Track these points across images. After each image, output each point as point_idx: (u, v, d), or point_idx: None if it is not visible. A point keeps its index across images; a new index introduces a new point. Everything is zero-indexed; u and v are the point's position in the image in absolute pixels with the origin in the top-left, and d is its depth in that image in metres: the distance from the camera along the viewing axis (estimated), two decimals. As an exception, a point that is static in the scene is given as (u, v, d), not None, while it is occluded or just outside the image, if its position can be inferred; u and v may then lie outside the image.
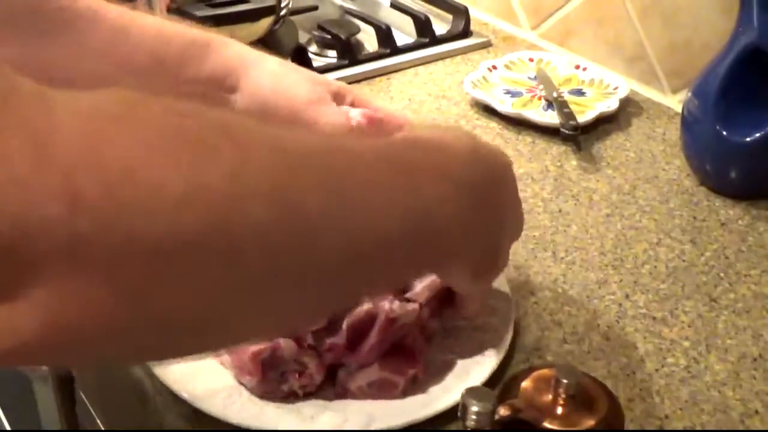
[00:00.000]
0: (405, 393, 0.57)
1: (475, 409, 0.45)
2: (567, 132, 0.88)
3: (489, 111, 0.95)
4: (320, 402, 0.57)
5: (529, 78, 1.01)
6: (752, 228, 0.78)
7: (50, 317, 0.30)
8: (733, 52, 0.78)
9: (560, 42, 1.10)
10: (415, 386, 0.58)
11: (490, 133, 0.92)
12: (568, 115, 0.90)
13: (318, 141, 0.41)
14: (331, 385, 0.58)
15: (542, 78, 0.99)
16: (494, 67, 1.02)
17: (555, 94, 0.95)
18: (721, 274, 0.72)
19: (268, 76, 0.64)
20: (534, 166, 0.86)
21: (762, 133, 0.77)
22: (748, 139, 0.78)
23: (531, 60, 1.04)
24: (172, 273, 0.32)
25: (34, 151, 0.29)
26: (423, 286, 0.60)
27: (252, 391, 0.57)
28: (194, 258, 0.32)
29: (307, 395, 0.57)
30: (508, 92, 0.97)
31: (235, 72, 0.64)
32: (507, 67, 1.02)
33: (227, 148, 0.34)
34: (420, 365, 0.58)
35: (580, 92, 0.98)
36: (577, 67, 1.02)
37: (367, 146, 0.43)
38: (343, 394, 0.57)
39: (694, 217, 0.80)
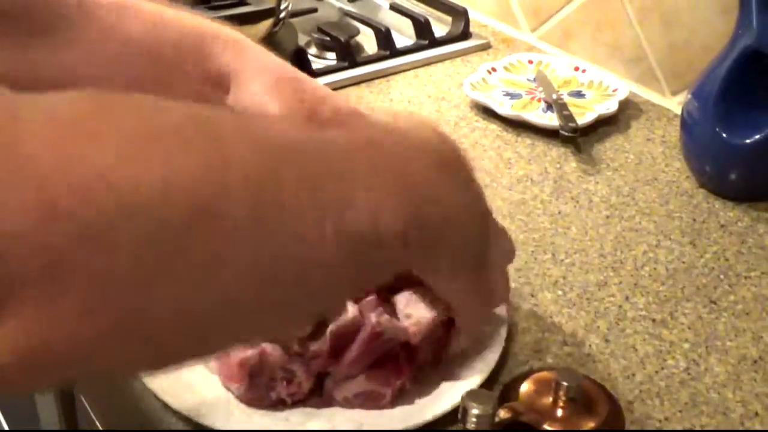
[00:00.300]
0: (393, 403, 0.56)
1: (475, 411, 0.45)
2: (566, 134, 0.88)
3: (488, 113, 0.95)
4: (309, 410, 0.56)
5: (529, 80, 1.01)
6: (752, 230, 0.78)
7: (28, 341, 0.29)
8: (732, 53, 0.78)
9: (559, 44, 1.10)
10: (405, 397, 0.57)
11: (490, 135, 0.92)
12: (567, 117, 0.90)
13: (300, 136, 0.40)
14: (320, 394, 0.57)
15: (541, 80, 0.99)
16: (493, 69, 1.02)
17: (554, 96, 0.95)
18: (721, 276, 0.72)
19: (255, 100, 0.61)
20: (533, 168, 0.86)
21: (762, 134, 0.77)
22: (747, 140, 0.78)
23: (530, 62, 1.04)
24: (157, 283, 0.31)
25: (1, 162, 0.28)
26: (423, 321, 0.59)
27: (239, 398, 0.56)
28: (180, 258, 0.31)
29: (296, 403, 0.56)
30: (507, 94, 0.97)
31: (229, 78, 0.63)
32: (506, 69, 1.02)
33: (203, 141, 0.33)
34: (407, 376, 0.57)
35: (579, 94, 0.98)
36: (577, 68, 1.02)
37: (350, 139, 0.42)
38: (330, 403, 0.57)
39: (694, 219, 0.80)
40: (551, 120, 0.91)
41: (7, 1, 0.59)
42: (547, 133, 0.91)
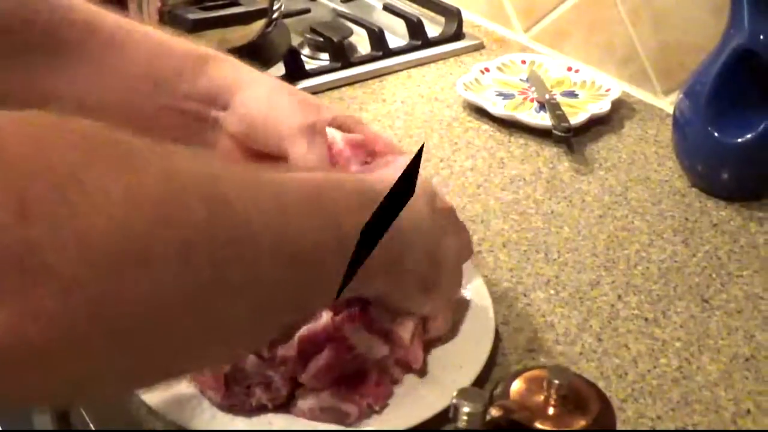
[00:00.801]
0: (359, 421, 0.55)
1: (466, 410, 0.45)
2: (559, 134, 0.88)
3: (481, 113, 0.95)
4: (292, 417, 0.56)
5: (522, 80, 1.01)
6: (744, 229, 0.78)
7: (7, 336, 0.29)
8: (724, 53, 0.79)
9: (552, 44, 1.10)
10: (395, 398, 0.57)
11: (483, 135, 0.92)
12: (560, 116, 0.90)
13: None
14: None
15: (534, 80, 1.00)
16: (486, 70, 1.02)
17: (547, 96, 0.95)
18: (713, 275, 0.72)
19: (260, 100, 0.63)
20: (526, 167, 0.86)
21: (753, 134, 0.77)
22: (739, 140, 0.78)
23: (523, 62, 1.04)
24: (128, 276, 0.32)
25: None
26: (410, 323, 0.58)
27: (218, 406, 0.56)
28: (147, 258, 0.33)
29: (279, 408, 0.56)
30: (500, 94, 0.98)
31: (229, 90, 0.63)
32: (499, 69, 1.02)
33: (154, 154, 0.36)
34: (375, 397, 0.56)
35: (572, 94, 0.98)
36: (570, 69, 1.02)
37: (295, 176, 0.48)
38: (299, 413, 0.56)
39: (686, 218, 0.80)
40: (544, 120, 0.91)
41: (6, 17, 0.59)
42: (540, 133, 0.91)
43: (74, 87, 0.61)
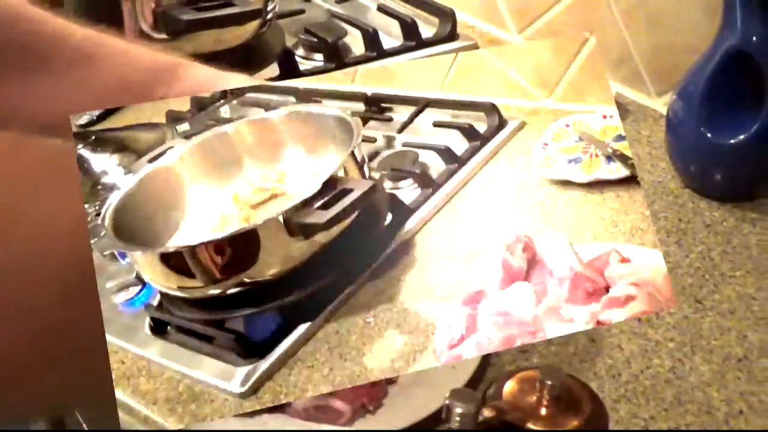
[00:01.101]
0: (352, 422, 0.56)
1: (459, 410, 0.45)
2: None
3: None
4: (286, 417, 0.56)
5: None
6: (737, 230, 0.79)
7: None
8: (717, 54, 0.79)
9: (546, 45, 1.10)
10: (388, 399, 0.57)
11: (477, 136, 0.92)
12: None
13: None
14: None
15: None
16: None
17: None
18: (706, 276, 0.73)
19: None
20: (520, 168, 0.86)
21: (746, 134, 0.77)
22: (732, 141, 0.78)
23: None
24: (83, 299, 0.32)
25: None
26: None
27: None
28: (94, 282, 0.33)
29: (274, 408, 0.56)
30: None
31: (202, 92, 0.65)
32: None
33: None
34: (368, 395, 0.56)
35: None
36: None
37: None
38: (293, 413, 0.56)
39: (679, 219, 0.80)
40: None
41: (7, 39, 0.59)
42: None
43: (41, 99, 0.61)
